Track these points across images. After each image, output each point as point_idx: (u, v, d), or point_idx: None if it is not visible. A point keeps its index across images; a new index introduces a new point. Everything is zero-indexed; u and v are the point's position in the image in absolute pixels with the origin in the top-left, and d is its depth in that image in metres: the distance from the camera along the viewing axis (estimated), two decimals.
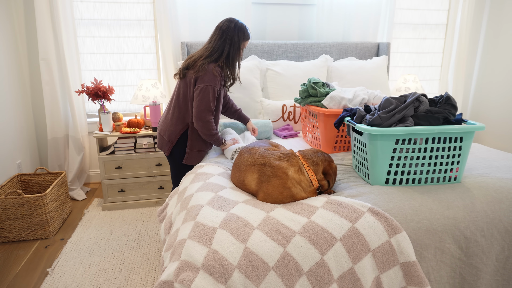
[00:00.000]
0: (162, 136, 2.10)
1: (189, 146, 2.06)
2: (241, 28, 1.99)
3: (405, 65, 3.82)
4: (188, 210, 1.42)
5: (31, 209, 2.39)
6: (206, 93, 1.91)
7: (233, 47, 1.99)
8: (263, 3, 3.31)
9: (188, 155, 2.07)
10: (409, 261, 1.29)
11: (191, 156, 2.07)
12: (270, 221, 1.30)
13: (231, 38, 1.97)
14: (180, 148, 2.07)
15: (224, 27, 1.98)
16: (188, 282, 1.10)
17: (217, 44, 1.98)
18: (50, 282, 1.99)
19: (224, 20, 2.01)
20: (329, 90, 2.19)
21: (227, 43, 1.98)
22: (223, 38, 1.98)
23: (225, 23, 1.99)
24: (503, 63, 3.61)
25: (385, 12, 3.44)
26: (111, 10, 3.10)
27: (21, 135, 2.91)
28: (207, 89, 1.91)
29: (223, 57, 1.99)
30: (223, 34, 1.98)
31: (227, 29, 1.97)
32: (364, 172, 1.66)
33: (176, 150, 2.08)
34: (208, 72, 1.92)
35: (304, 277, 1.21)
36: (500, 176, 1.65)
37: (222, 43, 1.98)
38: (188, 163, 2.09)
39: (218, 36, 1.99)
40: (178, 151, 2.08)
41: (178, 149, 2.08)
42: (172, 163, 2.14)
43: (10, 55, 2.82)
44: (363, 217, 1.32)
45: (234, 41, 1.98)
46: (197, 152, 2.08)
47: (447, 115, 1.58)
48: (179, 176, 2.16)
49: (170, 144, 2.07)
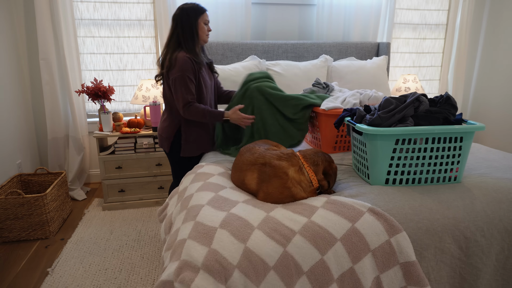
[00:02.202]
0: (161, 135, 2.15)
1: (184, 138, 2.09)
2: (189, 8, 2.00)
3: (405, 65, 3.82)
4: (188, 210, 1.42)
5: (31, 209, 2.39)
6: (178, 84, 1.94)
7: (186, 28, 2.00)
8: (263, 3, 3.31)
9: (184, 147, 2.10)
10: (409, 261, 1.29)
11: (187, 147, 2.10)
12: (270, 221, 1.30)
13: (181, 21, 1.99)
14: (177, 143, 2.11)
15: (174, 16, 2.02)
16: (188, 282, 1.10)
17: (173, 34, 2.02)
18: (50, 282, 1.99)
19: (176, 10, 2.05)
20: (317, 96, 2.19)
21: (179, 28, 2.00)
22: (175, 25, 2.01)
23: (175, 12, 2.02)
24: (503, 63, 3.61)
25: (385, 12, 3.44)
26: (111, 10, 3.11)
27: (21, 135, 2.91)
28: (177, 80, 1.94)
29: (182, 42, 2.00)
30: (174, 22, 2.02)
31: (176, 16, 2.01)
32: (364, 172, 1.66)
33: (174, 145, 2.12)
34: (175, 63, 1.95)
35: (304, 277, 1.21)
36: (500, 176, 1.65)
37: (175, 30, 2.01)
38: (186, 155, 2.11)
39: (172, 26, 2.03)
40: (176, 146, 2.12)
41: (176, 144, 2.12)
42: (171, 160, 2.17)
43: (10, 55, 2.82)
44: (363, 217, 1.32)
45: (184, 22, 1.99)
46: (192, 143, 2.10)
47: (447, 115, 1.59)
48: (179, 173, 2.19)
49: (168, 141, 2.11)
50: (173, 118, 2.09)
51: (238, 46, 3.11)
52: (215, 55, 3.08)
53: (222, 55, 3.10)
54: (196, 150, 2.13)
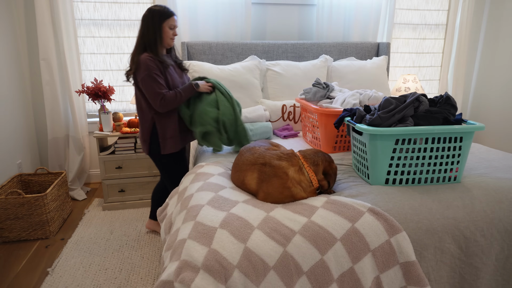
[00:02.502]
0: (140, 140, 2.15)
1: (160, 135, 2.08)
2: (156, 11, 2.01)
3: (405, 65, 3.82)
4: (188, 210, 1.42)
5: (32, 209, 2.39)
6: (147, 82, 1.95)
7: (151, 30, 2.00)
8: (263, 3, 3.31)
9: (163, 144, 2.08)
10: (409, 261, 1.29)
11: (166, 144, 2.09)
12: (270, 221, 1.30)
13: (147, 23, 2.00)
14: (155, 143, 2.10)
15: (143, 17, 2.02)
16: (188, 282, 1.10)
17: (140, 35, 2.02)
18: (51, 282, 1.99)
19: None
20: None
21: (145, 29, 2.00)
22: (142, 26, 2.02)
23: (144, 13, 2.02)
24: (503, 63, 3.61)
25: (385, 12, 3.44)
26: (111, 10, 3.11)
27: (22, 135, 2.91)
28: (146, 79, 1.95)
29: (146, 43, 2.01)
30: (142, 23, 2.02)
31: (144, 18, 2.01)
32: (364, 172, 1.66)
33: (153, 147, 2.10)
34: (139, 65, 1.96)
35: (304, 277, 1.21)
36: (500, 176, 1.65)
37: (142, 31, 2.01)
38: (166, 152, 2.09)
39: (140, 26, 2.03)
40: (155, 146, 2.10)
41: (154, 145, 2.10)
42: (155, 161, 2.16)
43: (11, 55, 2.82)
44: (363, 217, 1.32)
45: (150, 25, 2.00)
46: (170, 138, 2.09)
47: (447, 115, 1.59)
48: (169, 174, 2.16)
49: (146, 144, 2.11)
50: (144, 121, 2.08)
51: (238, 46, 3.11)
52: (215, 55, 3.08)
53: (222, 55, 3.10)
54: (176, 146, 2.12)
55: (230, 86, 2.80)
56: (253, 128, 2.47)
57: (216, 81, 2.20)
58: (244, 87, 2.81)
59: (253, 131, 2.46)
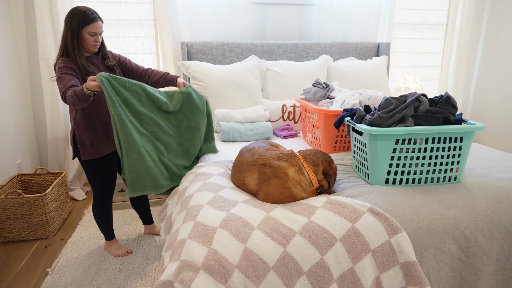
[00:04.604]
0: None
1: (79, 141, 1.96)
2: (76, 15, 1.85)
3: (405, 65, 3.82)
4: (188, 210, 1.42)
5: (31, 209, 2.39)
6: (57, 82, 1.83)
7: (69, 35, 1.87)
8: (263, 3, 3.31)
9: (82, 150, 1.97)
10: (409, 261, 1.29)
11: (85, 150, 1.97)
12: (270, 221, 1.30)
13: (66, 27, 1.88)
14: (77, 148, 2.01)
15: (65, 18, 1.89)
16: (188, 282, 1.10)
17: (62, 37, 1.91)
18: (50, 282, 1.99)
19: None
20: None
21: (65, 32, 1.89)
22: (64, 29, 1.90)
23: (67, 14, 1.89)
24: (503, 63, 3.61)
25: (385, 12, 3.44)
26: (111, 10, 3.10)
27: (21, 135, 2.91)
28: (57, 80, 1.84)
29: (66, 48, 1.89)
30: (64, 26, 1.89)
31: (66, 20, 1.88)
32: (364, 172, 1.66)
33: (76, 149, 2.02)
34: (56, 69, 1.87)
35: (304, 277, 1.21)
36: (500, 176, 1.65)
37: (63, 33, 1.90)
38: (86, 157, 1.98)
39: (63, 30, 1.91)
40: (77, 150, 2.02)
41: (76, 149, 2.02)
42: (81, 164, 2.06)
43: (10, 55, 2.82)
44: (363, 217, 1.32)
45: (68, 29, 1.87)
46: (89, 145, 1.97)
47: (447, 115, 1.59)
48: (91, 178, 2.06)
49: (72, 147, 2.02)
50: (71, 124, 2.00)
51: (238, 46, 3.11)
52: (215, 55, 3.08)
53: (222, 55, 3.10)
54: (95, 152, 1.99)
55: (230, 86, 2.79)
56: (253, 128, 2.47)
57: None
58: (244, 87, 2.81)
59: (253, 131, 2.46)
